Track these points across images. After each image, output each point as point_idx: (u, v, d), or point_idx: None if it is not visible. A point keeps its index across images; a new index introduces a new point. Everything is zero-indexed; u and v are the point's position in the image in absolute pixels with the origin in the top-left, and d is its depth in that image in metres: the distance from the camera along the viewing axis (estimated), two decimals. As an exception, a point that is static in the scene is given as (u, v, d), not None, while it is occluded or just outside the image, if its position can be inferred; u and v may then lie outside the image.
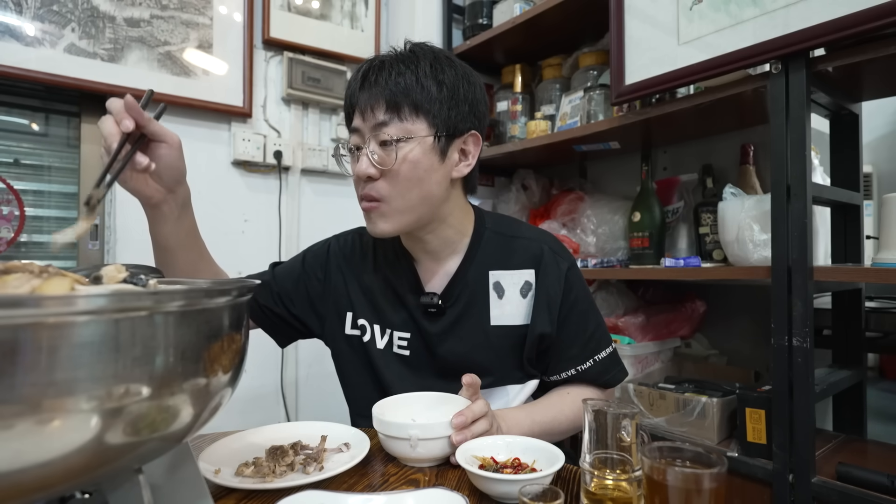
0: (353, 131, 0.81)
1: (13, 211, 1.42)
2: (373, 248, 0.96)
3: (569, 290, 0.86)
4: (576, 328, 0.86)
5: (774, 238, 1.01)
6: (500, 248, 0.89)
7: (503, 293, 0.87)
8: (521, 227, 0.93)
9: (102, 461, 0.34)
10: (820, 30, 0.92)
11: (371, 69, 0.80)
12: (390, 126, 0.77)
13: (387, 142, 0.77)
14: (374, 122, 0.78)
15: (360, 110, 0.79)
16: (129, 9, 1.52)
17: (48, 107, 1.52)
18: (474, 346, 0.86)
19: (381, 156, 0.77)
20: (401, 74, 0.77)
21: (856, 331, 1.24)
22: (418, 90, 0.77)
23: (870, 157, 1.45)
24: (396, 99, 0.77)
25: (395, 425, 0.68)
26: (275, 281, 0.96)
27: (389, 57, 0.80)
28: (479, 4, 1.87)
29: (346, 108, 0.85)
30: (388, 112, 0.77)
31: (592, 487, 0.53)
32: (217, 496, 0.59)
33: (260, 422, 0.81)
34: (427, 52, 0.81)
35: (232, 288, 0.42)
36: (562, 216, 1.68)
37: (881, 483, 0.90)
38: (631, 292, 1.58)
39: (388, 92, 0.77)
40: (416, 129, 0.77)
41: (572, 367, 0.86)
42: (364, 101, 0.78)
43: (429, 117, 0.78)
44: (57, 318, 0.30)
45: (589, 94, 1.53)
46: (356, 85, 0.80)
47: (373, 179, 0.78)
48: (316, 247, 1.01)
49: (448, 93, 0.79)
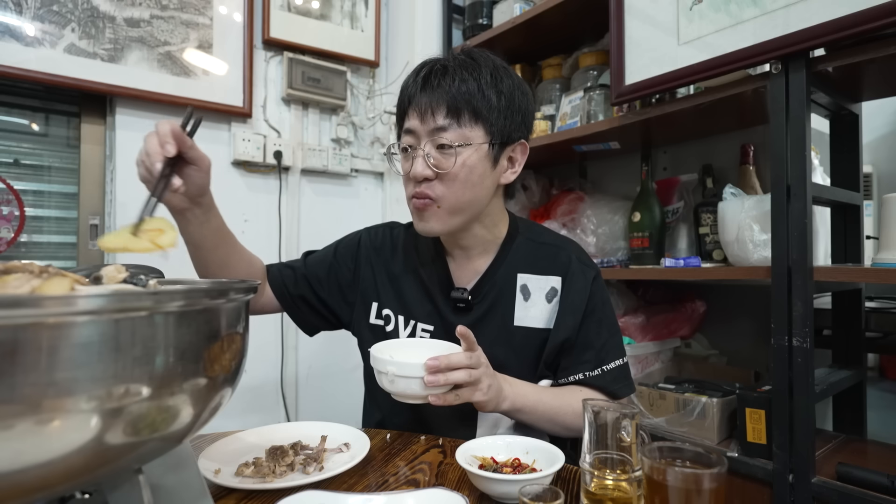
0: (407, 132, 0.83)
1: (13, 211, 1.42)
2: (403, 242, 0.98)
3: (591, 297, 0.89)
4: (591, 335, 0.88)
5: (774, 238, 1.01)
6: (529, 252, 0.92)
7: (529, 296, 0.90)
8: (551, 235, 0.97)
9: (102, 461, 0.34)
10: (820, 30, 0.92)
11: (433, 73, 0.81)
12: (449, 131, 0.79)
13: (445, 146, 0.79)
14: (433, 125, 0.79)
15: (419, 112, 0.80)
16: (129, 9, 1.52)
17: (48, 107, 1.52)
18: (494, 343, 0.88)
19: (438, 159, 0.80)
20: (464, 81, 0.79)
21: (856, 331, 1.24)
22: (479, 98, 0.79)
23: (870, 157, 1.45)
24: (458, 105, 0.79)
25: (378, 360, 0.71)
26: (307, 270, 0.98)
27: (451, 62, 0.82)
28: (479, 4, 1.87)
29: (400, 106, 0.86)
30: (449, 117, 0.79)
31: (592, 487, 0.53)
32: (217, 496, 0.59)
33: (260, 422, 0.81)
34: (487, 60, 0.83)
35: (232, 288, 0.42)
36: (562, 216, 1.68)
37: (881, 483, 0.90)
38: (631, 292, 1.58)
39: (450, 97, 0.79)
40: (473, 136, 0.80)
41: (581, 371, 0.87)
42: (424, 103, 0.80)
43: (486, 125, 0.81)
44: (57, 318, 0.30)
45: (589, 94, 1.53)
46: (416, 87, 0.81)
47: (427, 180, 0.81)
48: (347, 238, 1.03)
49: (506, 102, 0.81)
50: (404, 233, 1.00)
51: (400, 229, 1.01)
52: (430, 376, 0.68)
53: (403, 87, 0.85)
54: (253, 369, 1.68)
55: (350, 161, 1.94)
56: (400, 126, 0.87)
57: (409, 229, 1.00)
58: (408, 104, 0.83)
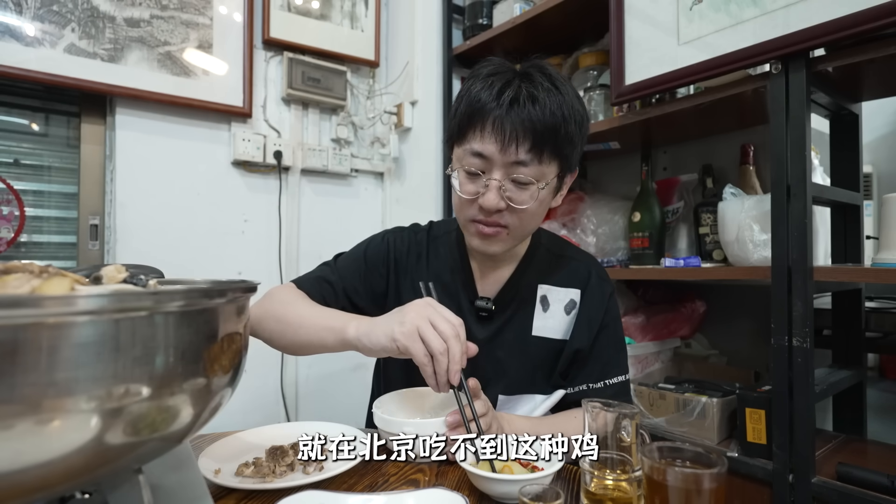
0: (478, 155, 0.76)
1: (13, 211, 1.42)
2: (427, 247, 0.96)
3: (607, 312, 0.90)
4: (601, 349, 0.89)
5: (774, 238, 1.01)
6: (550, 264, 0.93)
7: (548, 307, 0.91)
8: (571, 248, 0.98)
9: (102, 461, 0.34)
10: (820, 30, 0.92)
11: (521, 98, 0.73)
12: (529, 166, 0.75)
13: (523, 182, 0.76)
14: (514, 158, 0.74)
15: (500, 139, 0.73)
16: (129, 9, 1.52)
17: (48, 107, 1.52)
18: (512, 352, 0.88)
19: (513, 192, 0.76)
20: (553, 114, 0.73)
21: (856, 331, 1.24)
22: (563, 133, 0.75)
23: (870, 157, 1.45)
24: (544, 141, 0.74)
25: (392, 422, 0.69)
26: (344, 282, 0.94)
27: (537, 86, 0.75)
28: (479, 4, 1.87)
29: (469, 117, 0.76)
30: (531, 152, 0.74)
31: (592, 487, 0.53)
32: (217, 496, 0.59)
33: (260, 422, 0.81)
34: (566, 87, 0.77)
35: (231, 288, 0.42)
36: (562, 216, 1.68)
37: (881, 483, 0.90)
38: (631, 292, 1.58)
39: (538, 132, 0.73)
40: (549, 173, 0.77)
41: (585, 382, 0.88)
42: (509, 131, 0.73)
43: (563, 160, 0.78)
44: (57, 318, 0.30)
45: (589, 94, 1.52)
46: (500, 110, 0.73)
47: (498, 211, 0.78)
48: (374, 242, 0.98)
49: (580, 133, 0.78)
50: (427, 237, 0.97)
51: (423, 234, 0.98)
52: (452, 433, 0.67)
53: (475, 97, 0.75)
54: (253, 369, 1.68)
55: (350, 161, 1.94)
56: (461, 135, 0.78)
57: (432, 231, 0.98)
58: (483, 122, 0.74)
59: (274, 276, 1.77)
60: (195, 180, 1.67)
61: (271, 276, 1.77)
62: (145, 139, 1.58)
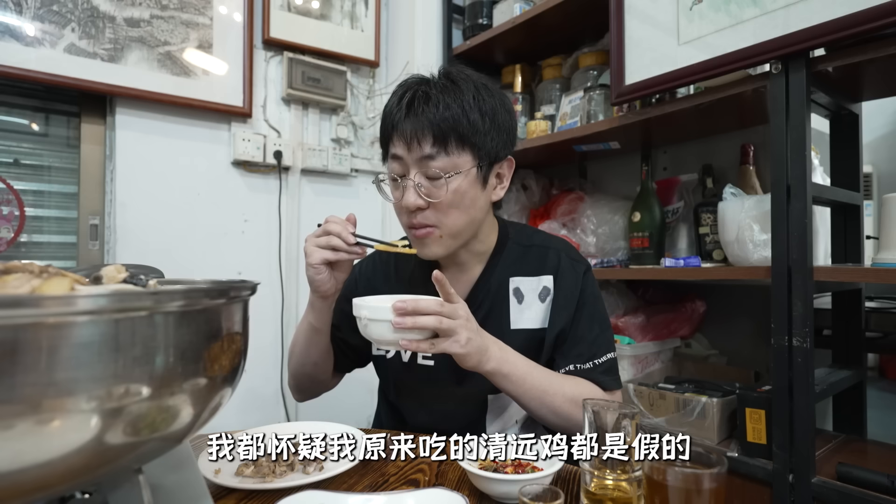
0: (395, 158, 0.83)
1: (13, 211, 1.42)
2: (394, 265, 0.99)
3: (583, 291, 0.90)
4: (583, 328, 0.89)
5: (774, 238, 1.01)
6: (519, 256, 0.93)
7: (523, 298, 0.91)
8: (539, 236, 0.97)
9: (102, 461, 0.34)
10: (820, 30, 0.92)
11: (416, 99, 0.80)
12: (437, 160, 0.79)
13: (434, 175, 0.79)
14: (420, 154, 0.79)
15: (404, 140, 0.80)
16: (129, 9, 1.52)
17: (48, 107, 1.52)
18: None
19: (429, 188, 0.80)
20: (448, 108, 0.78)
21: (856, 331, 1.24)
22: (465, 123, 0.79)
23: (870, 157, 1.45)
24: (444, 132, 0.78)
25: (355, 306, 0.74)
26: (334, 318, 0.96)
27: (433, 86, 0.81)
28: (479, 4, 1.87)
29: (384, 130, 0.85)
30: (436, 145, 0.79)
31: (592, 487, 0.53)
32: (217, 496, 0.59)
33: (260, 422, 0.81)
34: (467, 80, 0.82)
35: (231, 288, 0.42)
36: (562, 216, 1.68)
37: (881, 483, 0.90)
38: (631, 292, 1.58)
39: (436, 126, 0.78)
40: (461, 163, 0.80)
41: (572, 363, 0.88)
42: (409, 131, 0.79)
43: (474, 149, 0.81)
44: (57, 318, 0.30)
45: (589, 94, 1.53)
46: (400, 114, 0.80)
47: (421, 209, 0.81)
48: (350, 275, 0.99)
49: (490, 123, 0.81)
50: (394, 255, 0.99)
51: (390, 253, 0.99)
52: (398, 318, 0.69)
53: (387, 111, 0.84)
54: (253, 369, 1.68)
55: (350, 161, 1.94)
56: (385, 149, 0.86)
57: None
58: (392, 130, 0.82)
59: (274, 276, 1.77)
60: (195, 180, 1.67)
61: (271, 276, 1.77)
62: (145, 139, 1.58)
